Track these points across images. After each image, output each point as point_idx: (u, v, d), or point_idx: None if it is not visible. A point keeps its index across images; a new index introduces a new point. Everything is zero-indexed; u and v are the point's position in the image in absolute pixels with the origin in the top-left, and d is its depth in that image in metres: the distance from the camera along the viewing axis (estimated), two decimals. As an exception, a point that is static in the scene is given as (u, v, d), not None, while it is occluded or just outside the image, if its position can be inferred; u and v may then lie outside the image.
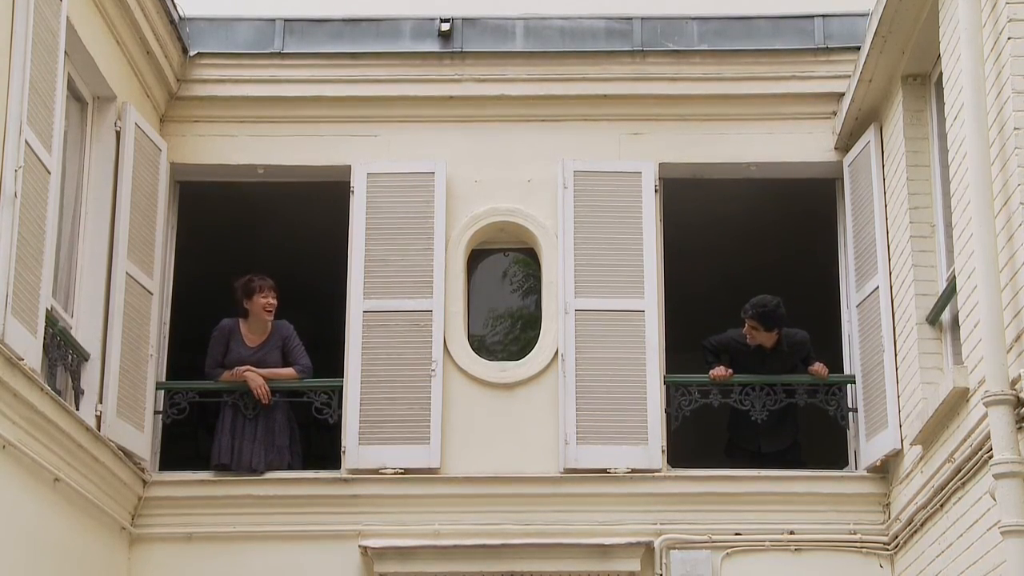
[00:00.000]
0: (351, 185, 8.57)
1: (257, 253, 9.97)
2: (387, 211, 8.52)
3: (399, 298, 8.38)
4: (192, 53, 8.64)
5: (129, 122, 7.97)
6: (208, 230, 9.36)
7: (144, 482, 8.03)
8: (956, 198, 6.64)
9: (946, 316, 7.26)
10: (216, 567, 8.02)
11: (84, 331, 7.57)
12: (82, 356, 7.51)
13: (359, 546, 8.00)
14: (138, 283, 8.00)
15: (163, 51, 8.36)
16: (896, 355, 7.72)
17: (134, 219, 7.95)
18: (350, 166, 8.60)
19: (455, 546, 7.97)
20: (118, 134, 7.93)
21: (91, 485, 7.32)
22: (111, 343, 7.65)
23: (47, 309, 6.83)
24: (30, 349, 6.47)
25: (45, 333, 6.79)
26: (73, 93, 7.65)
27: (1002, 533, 5.76)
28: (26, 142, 6.47)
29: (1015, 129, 5.93)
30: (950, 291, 6.99)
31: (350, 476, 8.16)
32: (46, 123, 6.75)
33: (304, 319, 10.34)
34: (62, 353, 7.30)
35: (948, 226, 7.09)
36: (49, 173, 6.79)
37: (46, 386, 6.65)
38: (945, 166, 7.07)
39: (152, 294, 8.21)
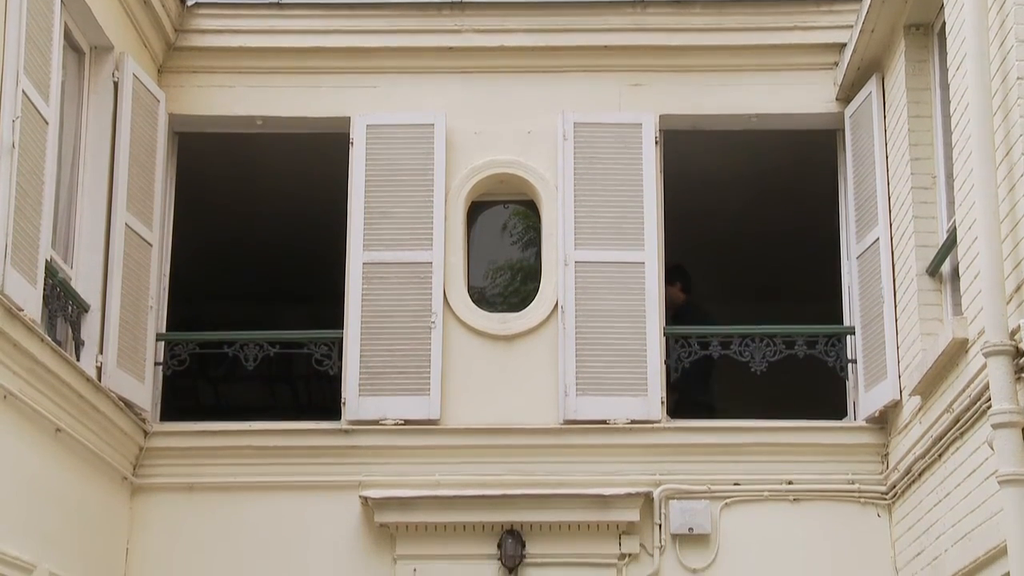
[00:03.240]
0: (350, 137, 8.54)
1: (257, 205, 9.97)
2: (387, 163, 8.49)
3: (399, 250, 8.38)
4: (190, 3, 8.58)
5: (127, 73, 7.92)
6: (207, 182, 9.34)
7: (145, 432, 8.06)
8: (958, 149, 6.62)
9: (946, 267, 7.26)
10: (217, 517, 8.07)
11: (84, 282, 7.57)
12: (82, 307, 7.52)
13: (360, 496, 8.04)
14: (137, 234, 7.99)
15: (161, 1, 8.29)
16: (896, 306, 7.73)
17: (133, 170, 7.92)
18: (349, 118, 8.56)
19: (455, 496, 8.01)
20: (116, 85, 7.88)
21: (92, 435, 7.35)
22: (111, 294, 7.65)
23: (46, 260, 6.83)
24: (30, 299, 6.48)
25: (45, 284, 6.79)
26: (70, 43, 7.60)
27: (999, 482, 5.79)
28: (23, 92, 6.44)
29: (1018, 79, 5.90)
30: (950, 242, 6.98)
31: (350, 427, 8.19)
32: (43, 73, 6.72)
33: (304, 271, 10.38)
34: (62, 304, 7.31)
35: (949, 177, 7.07)
36: (47, 123, 6.77)
37: (46, 337, 6.66)
38: (947, 117, 7.04)
39: (151, 245, 8.20)
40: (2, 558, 6.26)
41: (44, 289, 6.78)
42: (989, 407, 5.93)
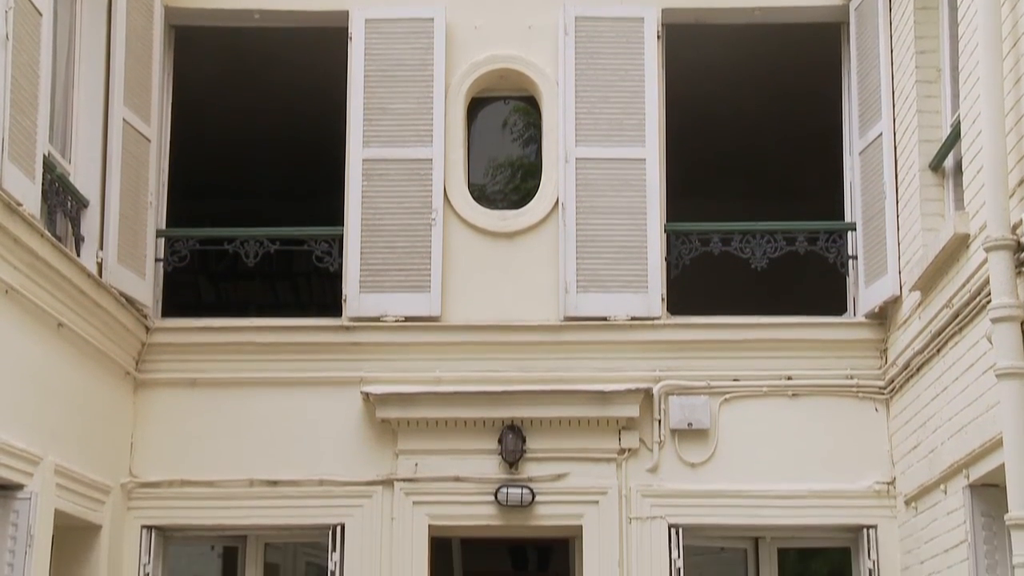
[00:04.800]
0: (349, 31, 8.43)
1: (255, 101, 9.88)
2: (386, 58, 8.40)
3: (399, 146, 8.33)
4: None
5: (120, -38, 7.80)
6: (205, 77, 9.24)
7: (147, 328, 8.08)
8: (964, 41, 6.54)
9: (949, 162, 7.22)
10: (220, 412, 8.13)
11: (82, 177, 7.53)
12: (81, 202, 7.49)
13: (361, 392, 8.10)
14: (135, 129, 7.93)
15: None
16: (897, 202, 7.70)
17: (129, 64, 7.83)
18: (347, 11, 8.44)
19: (456, 392, 8.06)
20: (109, -26, 7.77)
21: (95, 331, 7.38)
22: (110, 190, 7.62)
23: (44, 155, 6.79)
24: (29, 194, 6.46)
25: (43, 179, 6.76)
26: (62, -69, 7.47)
27: (997, 376, 5.82)
28: (15, -19, 6.34)
29: (1027, -32, 5.81)
30: (954, 136, 6.94)
31: (351, 324, 8.21)
32: (35, -39, 6.61)
33: (304, 167, 10.33)
34: (61, 199, 7.28)
35: (954, 70, 6.99)
36: (40, 15, 6.67)
37: (46, 232, 6.65)
38: (954, 8, 6.94)
39: (150, 141, 8.14)
40: (9, 450, 6.33)
41: (43, 184, 6.75)
42: (989, 302, 5.95)
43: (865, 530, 7.90)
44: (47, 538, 6.72)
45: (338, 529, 7.97)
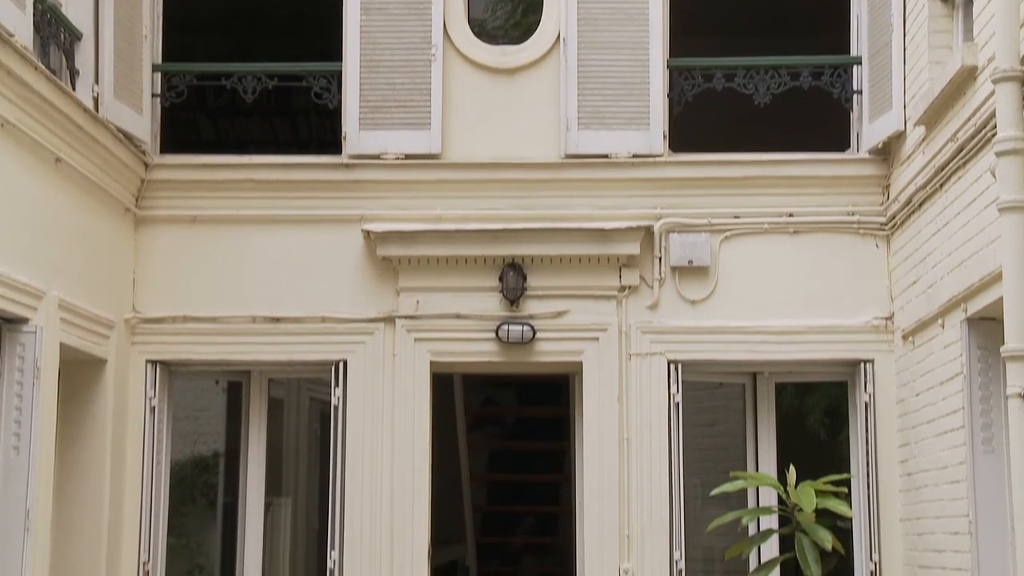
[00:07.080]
0: None
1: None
2: None
3: (397, -22, 8.16)
4: None
5: None
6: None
7: (146, 165, 8.03)
8: None
9: (959, -8, 7.08)
10: (221, 248, 8.14)
11: (75, 8, 7.38)
12: (74, 35, 7.36)
13: (362, 230, 8.09)
14: (127, -41, 7.76)
15: None
16: (905, 35, 7.57)
17: None
18: None
19: (456, 230, 8.06)
20: None
21: (93, 166, 7.34)
22: (103, 21, 7.48)
23: (33, -17, 6.65)
24: (20, 24, 6.34)
25: (34, 10, 6.63)
26: None
27: (999, 210, 5.80)
28: None
29: None
30: (965, -35, 6.79)
31: (351, 161, 8.16)
32: None
33: (300, 1, 10.13)
34: (54, 31, 7.15)
35: None
36: None
37: (40, 64, 6.55)
38: None
39: (142, -29, 7.98)
40: (12, 283, 6.36)
41: (34, 15, 6.62)
42: (994, 135, 5.89)
43: (862, 364, 7.98)
44: (53, 371, 6.80)
45: (340, 365, 8.05)
